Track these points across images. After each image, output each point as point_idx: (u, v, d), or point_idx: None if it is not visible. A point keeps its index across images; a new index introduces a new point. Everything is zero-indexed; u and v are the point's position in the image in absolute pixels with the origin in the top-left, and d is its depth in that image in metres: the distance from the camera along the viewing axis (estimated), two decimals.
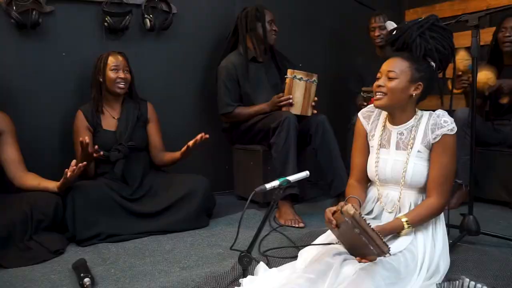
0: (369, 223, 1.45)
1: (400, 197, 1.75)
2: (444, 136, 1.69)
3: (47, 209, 2.20)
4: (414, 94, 1.72)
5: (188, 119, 3.20)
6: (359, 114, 1.92)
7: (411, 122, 1.77)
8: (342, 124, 3.12)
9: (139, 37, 2.97)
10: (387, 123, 1.82)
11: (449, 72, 1.94)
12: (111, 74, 2.51)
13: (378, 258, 1.48)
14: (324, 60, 3.65)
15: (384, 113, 1.84)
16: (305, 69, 2.81)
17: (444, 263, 1.69)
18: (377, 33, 3.26)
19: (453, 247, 2.03)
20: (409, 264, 1.57)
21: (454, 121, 1.73)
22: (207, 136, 2.44)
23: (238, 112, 2.94)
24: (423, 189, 1.75)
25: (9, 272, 1.94)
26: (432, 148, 1.72)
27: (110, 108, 2.60)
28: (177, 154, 2.58)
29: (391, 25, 1.95)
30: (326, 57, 3.68)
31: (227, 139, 3.17)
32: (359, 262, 1.49)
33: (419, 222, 1.67)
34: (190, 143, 2.46)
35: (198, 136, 2.44)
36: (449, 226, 2.19)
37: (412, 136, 1.74)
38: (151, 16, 2.92)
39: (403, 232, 1.64)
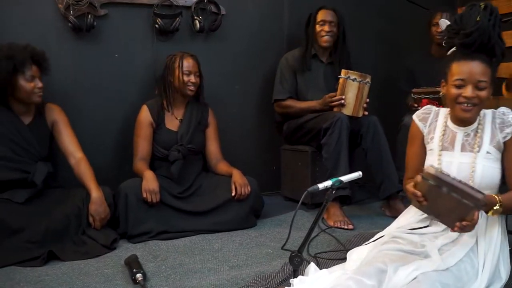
0: (454, 177, 1.40)
1: None
2: None
3: None
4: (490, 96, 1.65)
5: (236, 119, 3.21)
6: (414, 116, 1.83)
7: (477, 122, 1.68)
8: (392, 124, 3.05)
9: (188, 39, 3.02)
10: (450, 124, 1.73)
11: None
12: (183, 77, 2.56)
13: (435, 269, 1.43)
14: (374, 60, 3.57)
15: (443, 114, 1.76)
16: (354, 69, 2.76)
17: (505, 268, 1.61)
18: (439, 29, 3.16)
19: None
20: (469, 271, 1.51)
21: None
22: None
23: (289, 103, 2.96)
24: (497, 191, 1.65)
25: (66, 264, 2.02)
26: (504, 148, 1.64)
27: (175, 108, 2.65)
28: (230, 171, 2.59)
29: (444, 23, 1.88)
30: (376, 57, 3.60)
31: (278, 131, 3.16)
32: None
33: (510, 205, 1.57)
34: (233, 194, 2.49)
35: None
36: None
37: (478, 136, 1.66)
38: (200, 17, 2.96)
39: (491, 211, 1.55)
